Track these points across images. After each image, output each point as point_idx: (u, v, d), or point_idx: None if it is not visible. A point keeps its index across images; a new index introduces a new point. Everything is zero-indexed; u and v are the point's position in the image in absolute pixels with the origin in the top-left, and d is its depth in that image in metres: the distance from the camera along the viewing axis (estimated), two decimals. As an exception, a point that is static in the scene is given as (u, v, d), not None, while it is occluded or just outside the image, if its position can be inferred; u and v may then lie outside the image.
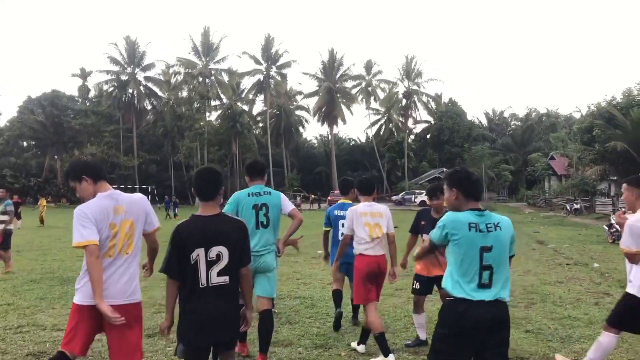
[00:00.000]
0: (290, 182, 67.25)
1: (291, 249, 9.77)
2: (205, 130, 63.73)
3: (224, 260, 3.45)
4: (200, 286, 3.42)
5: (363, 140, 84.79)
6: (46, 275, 10.61)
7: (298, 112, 76.13)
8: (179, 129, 65.02)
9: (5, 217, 11.07)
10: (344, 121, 72.09)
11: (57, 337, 6.06)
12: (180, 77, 66.41)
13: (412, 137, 79.03)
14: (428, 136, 79.11)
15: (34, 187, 65.06)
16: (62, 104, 68.24)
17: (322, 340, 6.05)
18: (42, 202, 27.98)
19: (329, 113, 70.60)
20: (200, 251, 3.40)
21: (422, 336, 5.96)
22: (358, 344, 5.71)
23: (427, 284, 5.98)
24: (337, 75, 71.11)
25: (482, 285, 3.25)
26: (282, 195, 5.41)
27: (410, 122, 75.19)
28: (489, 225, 3.36)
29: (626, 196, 4.60)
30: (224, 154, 67.29)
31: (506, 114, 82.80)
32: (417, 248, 4.69)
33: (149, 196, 57.35)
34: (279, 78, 69.30)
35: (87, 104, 71.41)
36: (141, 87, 68.18)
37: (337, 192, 56.58)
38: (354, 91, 73.16)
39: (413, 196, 56.25)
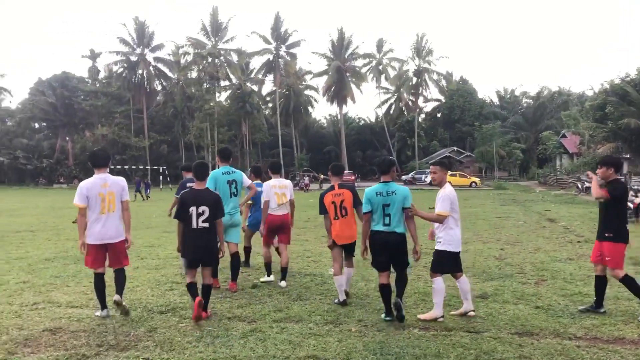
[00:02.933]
0: (299, 162, 67.26)
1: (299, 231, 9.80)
2: (215, 110, 63.69)
3: (206, 214, 6.02)
4: (192, 227, 6.01)
5: (373, 119, 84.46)
6: (60, 254, 10.77)
7: (307, 92, 75.79)
8: (189, 110, 65.01)
9: None
10: (354, 100, 71.69)
11: (72, 314, 6.18)
12: (189, 58, 66.17)
13: (423, 116, 78.53)
14: (439, 115, 78.54)
15: (46, 169, 65.66)
16: (72, 86, 68.51)
17: (332, 316, 6.11)
18: None
19: (338, 92, 70.18)
20: (193, 208, 6.02)
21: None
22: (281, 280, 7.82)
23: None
24: (347, 54, 70.51)
25: (384, 224, 6.00)
26: (243, 173, 7.74)
27: (420, 101, 74.66)
28: (389, 192, 6.06)
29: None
30: (233, 134, 67.29)
31: (517, 92, 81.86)
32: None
33: (161, 176, 57.78)
34: (288, 58, 68.84)
35: (97, 85, 71.54)
36: (151, 68, 68.11)
37: (346, 172, 56.69)
38: (364, 70, 72.57)
39: (423, 175, 55.99)
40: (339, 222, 6.68)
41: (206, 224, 6.00)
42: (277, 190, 7.71)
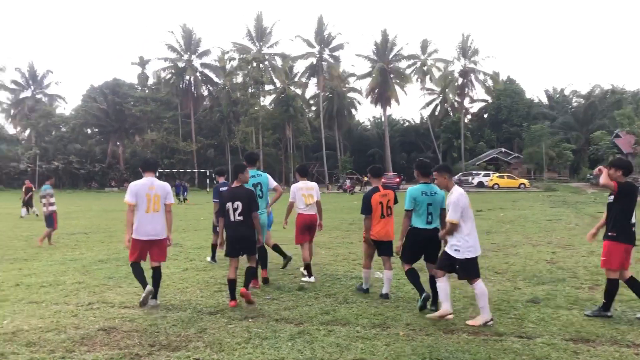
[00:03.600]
0: (343, 164, 67.24)
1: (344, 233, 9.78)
2: (259, 114, 64.48)
3: (240, 209, 6.75)
4: (230, 221, 6.81)
5: (417, 121, 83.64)
6: (112, 255, 11.09)
7: (351, 94, 75.75)
8: (234, 114, 66.01)
9: (44, 200, 13.40)
10: (398, 102, 71.23)
11: (125, 314, 6.35)
12: (235, 63, 67.25)
13: (469, 116, 77.28)
14: (485, 115, 77.11)
15: (98, 173, 67.89)
16: (122, 92, 70.66)
17: (380, 319, 6.07)
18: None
19: (382, 94, 69.84)
20: (229, 204, 6.79)
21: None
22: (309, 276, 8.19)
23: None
24: (391, 56, 70.13)
25: (427, 222, 6.44)
26: (269, 176, 8.25)
27: (466, 102, 73.52)
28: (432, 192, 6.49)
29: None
30: (278, 138, 67.92)
31: (567, 92, 79.53)
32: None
33: (207, 179, 58.84)
34: (331, 60, 69.05)
35: (147, 91, 73.45)
36: (198, 74, 69.55)
37: (391, 174, 56.30)
38: (408, 71, 72.00)
39: (470, 177, 55.00)
40: (383, 221, 7.03)
41: (241, 217, 6.74)
42: (304, 192, 8.31)
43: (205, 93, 72.96)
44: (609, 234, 6.09)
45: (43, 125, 71.69)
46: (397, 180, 53.98)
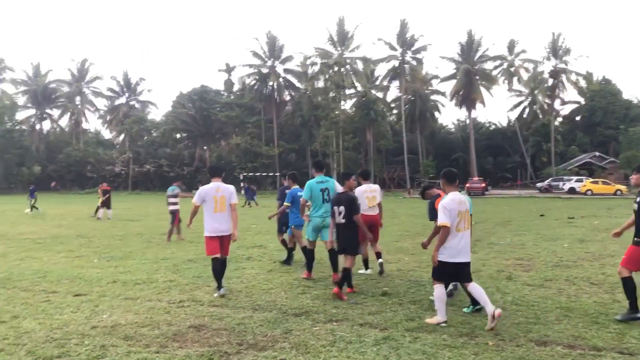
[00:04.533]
0: (425, 168, 66.11)
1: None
2: (340, 118, 64.79)
3: (343, 212, 7.44)
4: (337, 222, 7.54)
5: (504, 123, 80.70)
6: (200, 255, 11.47)
7: (434, 97, 74.36)
8: (315, 119, 66.74)
9: (172, 200, 15.21)
10: (483, 104, 68.99)
11: (214, 312, 6.55)
12: (316, 68, 68.04)
13: (560, 119, 73.67)
14: (578, 118, 73.23)
15: (186, 176, 70.94)
16: (209, 98, 73.53)
17: (467, 328, 5.89)
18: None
19: (467, 96, 68.02)
20: (336, 207, 7.58)
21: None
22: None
23: None
24: (476, 57, 68.23)
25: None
26: (335, 181, 8.74)
27: (557, 103, 70.07)
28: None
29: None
30: (358, 142, 67.92)
31: (671, 91, 73.96)
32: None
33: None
34: (414, 63, 68.17)
35: (232, 97, 75.88)
36: (280, 79, 70.97)
37: (476, 179, 54.71)
38: (494, 72, 69.68)
39: (561, 183, 52.29)
40: None
41: (344, 220, 7.43)
42: (368, 194, 9.03)
43: (288, 98, 74.30)
44: (635, 239, 6.25)
45: (136, 130, 75.97)
46: (483, 185, 52.32)
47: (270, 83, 69.98)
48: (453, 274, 6.21)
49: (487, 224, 19.98)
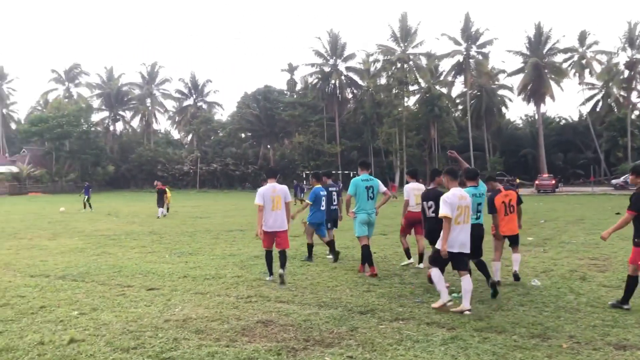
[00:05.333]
0: (492, 165, 64.34)
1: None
2: (403, 115, 64.11)
3: (433, 207, 7.70)
4: (427, 216, 7.92)
5: (575, 118, 77.32)
6: (267, 252, 11.69)
7: (500, 92, 72.21)
8: (377, 116, 66.35)
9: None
10: (553, 98, 66.43)
11: (281, 308, 6.65)
12: (379, 65, 67.63)
13: (637, 112, 69.80)
14: (657, 110, 69.06)
15: (251, 174, 72.36)
16: (273, 98, 74.69)
17: (539, 329, 5.70)
18: (169, 193, 25.52)
19: (536, 90, 65.62)
20: (425, 202, 7.99)
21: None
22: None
23: None
24: (545, 50, 65.72)
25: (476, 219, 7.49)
26: (379, 181, 9.22)
27: (634, 96, 66.30)
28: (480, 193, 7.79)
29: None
30: (422, 139, 67.00)
31: None
32: None
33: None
34: (479, 57, 66.49)
35: (295, 96, 76.69)
36: (342, 77, 71.02)
37: (545, 175, 52.72)
38: (564, 65, 66.85)
39: (638, 179, 49.48)
40: (507, 218, 8.14)
41: (433, 214, 7.63)
42: (415, 192, 9.32)
43: (350, 96, 74.28)
44: (636, 240, 6.44)
45: (203, 130, 78.26)
46: (553, 182, 50.32)
47: (333, 81, 70.15)
48: (447, 261, 6.74)
49: (558, 222, 19.25)
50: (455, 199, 6.59)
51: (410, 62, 65.73)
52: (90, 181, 70.77)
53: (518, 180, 49.90)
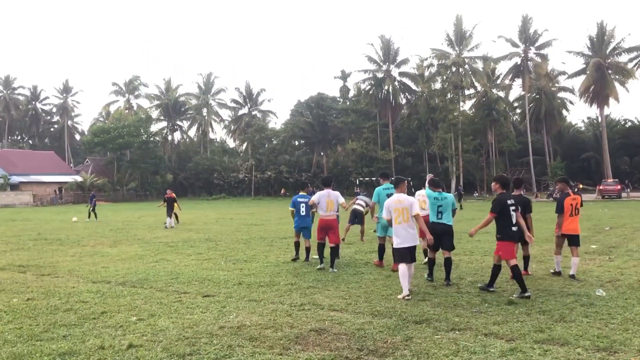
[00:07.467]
0: (552, 170, 62.21)
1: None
2: (459, 120, 62.97)
3: (518, 211, 8.02)
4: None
5: (643, 120, 73.82)
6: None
7: (561, 94, 69.90)
8: (432, 121, 65.48)
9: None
10: (617, 100, 63.55)
11: (334, 317, 6.61)
12: (433, 70, 66.74)
13: None
14: None
15: (305, 181, 72.80)
16: (326, 105, 75.05)
17: (605, 342, 5.42)
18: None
19: (599, 92, 63.03)
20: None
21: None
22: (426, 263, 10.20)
23: None
24: (608, 50, 63.11)
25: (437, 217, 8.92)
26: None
27: None
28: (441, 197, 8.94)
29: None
30: (478, 144, 65.59)
31: None
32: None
33: (412, 189, 59.22)
34: (538, 59, 64.57)
35: (347, 103, 76.76)
36: (396, 83, 70.49)
37: (610, 180, 50.44)
38: (629, 65, 63.90)
39: None
40: (572, 219, 9.13)
41: (518, 219, 8.05)
42: (419, 198, 10.14)
43: (403, 101, 73.58)
44: (498, 235, 7.99)
45: (258, 138, 79.49)
46: (618, 187, 48.07)
47: (386, 87, 69.75)
48: (406, 255, 7.79)
49: (625, 229, 18.35)
50: (392, 203, 7.97)
51: (466, 66, 64.60)
52: (151, 190, 73.04)
53: (581, 186, 47.94)
